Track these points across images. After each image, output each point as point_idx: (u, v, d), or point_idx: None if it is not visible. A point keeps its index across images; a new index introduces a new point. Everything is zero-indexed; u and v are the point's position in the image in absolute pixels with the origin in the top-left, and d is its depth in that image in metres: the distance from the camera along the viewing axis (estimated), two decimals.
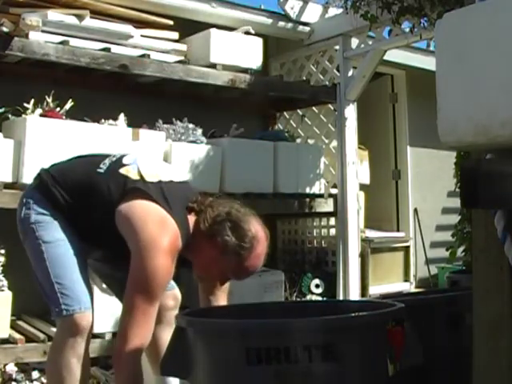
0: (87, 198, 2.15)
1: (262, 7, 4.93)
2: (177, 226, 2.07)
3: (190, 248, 2.13)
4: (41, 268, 2.15)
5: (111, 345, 3.53)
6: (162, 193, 2.12)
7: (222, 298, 2.38)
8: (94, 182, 2.16)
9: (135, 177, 2.14)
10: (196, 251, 2.14)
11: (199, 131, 4.11)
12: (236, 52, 4.29)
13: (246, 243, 2.08)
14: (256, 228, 2.15)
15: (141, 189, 2.11)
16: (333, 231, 5.01)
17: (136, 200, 2.09)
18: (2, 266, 3.40)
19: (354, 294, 4.56)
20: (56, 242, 2.14)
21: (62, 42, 3.58)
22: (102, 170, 2.19)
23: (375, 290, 4.97)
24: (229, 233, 2.07)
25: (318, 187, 4.68)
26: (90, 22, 3.73)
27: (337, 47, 4.79)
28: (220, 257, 2.09)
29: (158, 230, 2.03)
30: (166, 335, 2.34)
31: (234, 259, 2.08)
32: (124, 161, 2.22)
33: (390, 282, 5.43)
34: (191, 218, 2.15)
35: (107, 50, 3.74)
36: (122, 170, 2.17)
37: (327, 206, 4.73)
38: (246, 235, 2.09)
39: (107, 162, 2.21)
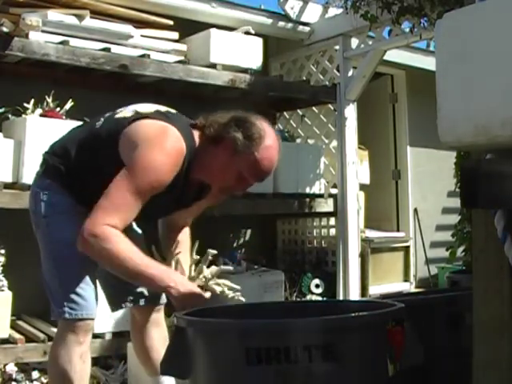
0: (92, 154, 2.10)
1: (262, 7, 4.93)
2: (180, 134, 2.04)
3: (200, 161, 2.09)
4: (49, 265, 2.12)
5: (111, 345, 3.54)
6: (161, 114, 2.12)
7: (184, 236, 2.38)
8: (94, 136, 2.13)
9: (132, 114, 2.12)
10: (207, 161, 2.10)
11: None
12: (236, 52, 4.29)
13: (255, 135, 2.05)
14: (262, 122, 2.12)
15: (141, 116, 2.08)
16: (333, 231, 5.01)
17: (138, 122, 2.06)
18: (1, 266, 3.40)
19: (354, 294, 4.56)
20: (66, 244, 2.06)
21: (61, 42, 3.58)
22: (99, 124, 2.17)
23: (375, 290, 4.97)
24: (236, 129, 2.05)
25: (318, 187, 4.68)
26: (89, 21, 3.73)
27: (337, 47, 4.79)
28: (233, 158, 2.05)
29: (160, 133, 2.01)
30: (153, 334, 2.37)
31: (247, 155, 2.04)
32: (118, 111, 2.20)
33: (390, 282, 5.43)
34: (196, 133, 2.12)
35: (107, 49, 3.74)
36: (118, 115, 2.15)
37: (327, 206, 4.73)
38: (253, 127, 2.07)
39: (102, 118, 2.19)
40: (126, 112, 2.16)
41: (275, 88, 4.59)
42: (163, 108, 2.20)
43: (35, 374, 3.36)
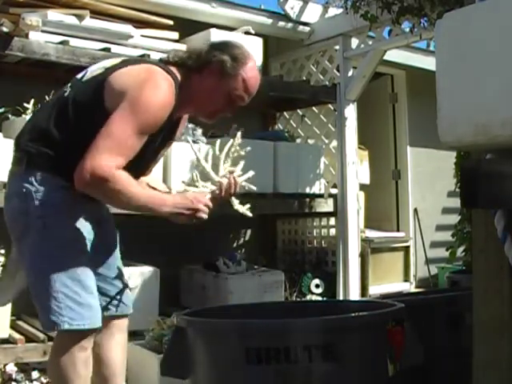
0: (75, 119, 2.01)
1: (262, 7, 4.93)
2: (165, 72, 2.03)
3: (188, 95, 2.10)
4: (42, 270, 1.96)
5: None
6: (134, 59, 2.11)
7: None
8: (69, 103, 2.02)
9: (102, 70, 2.06)
10: (196, 93, 2.12)
11: (199, 131, 4.11)
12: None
13: (240, 55, 2.13)
14: (241, 46, 2.20)
15: (116, 66, 2.04)
16: (333, 231, 5.01)
17: (117, 71, 2.01)
18: (1, 266, 3.40)
19: (354, 294, 4.56)
20: (69, 246, 1.98)
21: (61, 42, 3.57)
22: (67, 92, 2.08)
23: (375, 290, 4.97)
24: (221, 53, 2.11)
25: (318, 187, 4.68)
26: (89, 21, 3.72)
27: (337, 47, 4.79)
28: (221, 81, 2.10)
29: (148, 73, 1.99)
30: (114, 344, 2.26)
31: (235, 76, 2.10)
32: (78, 76, 2.13)
33: (390, 282, 5.43)
34: (173, 69, 2.10)
35: (107, 49, 3.74)
36: (86, 78, 2.08)
37: (327, 206, 4.73)
38: (236, 49, 2.15)
39: (65, 88, 2.11)
40: (92, 72, 2.09)
41: (275, 88, 4.58)
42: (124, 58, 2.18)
43: (35, 374, 3.36)
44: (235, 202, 2.28)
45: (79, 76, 2.13)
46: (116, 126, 1.91)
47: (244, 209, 2.30)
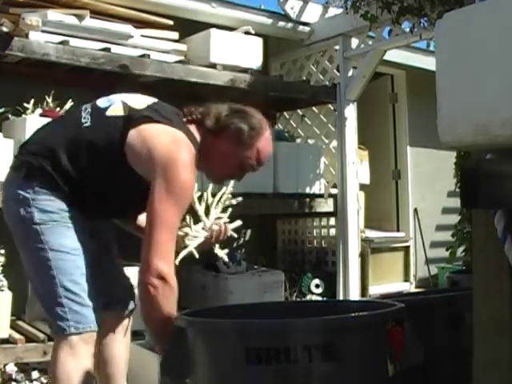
0: (88, 159, 2.00)
1: (262, 7, 4.93)
2: (186, 137, 2.04)
3: (203, 155, 2.10)
4: (44, 277, 1.98)
5: None
6: (158, 113, 2.07)
7: None
8: (87, 137, 2.01)
9: (126, 111, 2.05)
10: (210, 154, 2.12)
11: None
12: (236, 52, 4.29)
13: (257, 126, 2.14)
14: (258, 114, 2.20)
15: (139, 117, 2.03)
16: (333, 231, 5.01)
17: (140, 127, 2.01)
18: (1, 266, 3.40)
19: (354, 294, 4.56)
20: (66, 251, 1.98)
21: (62, 42, 3.57)
22: (87, 123, 2.05)
23: (375, 290, 4.97)
24: (240, 120, 2.11)
25: (318, 187, 4.68)
26: (90, 21, 3.73)
27: (337, 47, 4.79)
28: (236, 148, 2.12)
29: (175, 146, 1.98)
30: (116, 344, 2.30)
31: (250, 145, 2.12)
32: (101, 105, 2.11)
33: (390, 282, 5.43)
34: (192, 127, 2.13)
35: (107, 49, 3.74)
36: (109, 112, 2.07)
37: (327, 206, 4.73)
38: (254, 119, 2.15)
39: (85, 114, 2.08)
40: (117, 108, 2.07)
41: (275, 88, 4.58)
42: (150, 100, 2.16)
43: (35, 374, 3.36)
44: (216, 246, 2.48)
45: (101, 104, 2.11)
46: (166, 214, 1.92)
47: (223, 253, 2.53)
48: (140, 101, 2.13)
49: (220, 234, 2.36)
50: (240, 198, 2.55)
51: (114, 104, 2.09)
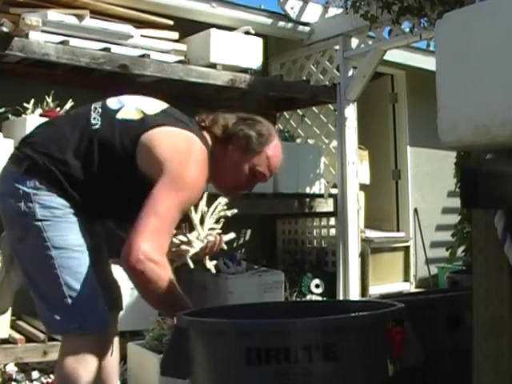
0: (97, 161, 1.94)
1: (262, 7, 4.94)
2: (200, 141, 2.01)
3: (213, 164, 2.05)
4: (47, 276, 1.90)
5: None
6: (172, 118, 2.03)
7: None
8: (97, 140, 1.94)
9: (139, 115, 2.01)
10: (219, 163, 2.08)
11: None
12: (236, 52, 4.29)
13: (266, 133, 2.12)
14: (266, 121, 2.20)
15: (154, 122, 1.98)
16: (333, 231, 5.01)
17: (155, 130, 1.96)
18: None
19: (354, 294, 4.56)
20: (70, 248, 1.91)
21: (62, 42, 3.58)
22: (97, 125, 1.98)
23: (375, 290, 4.97)
24: (248, 128, 2.09)
25: (318, 187, 4.68)
26: (89, 21, 3.73)
27: (337, 47, 4.79)
28: (245, 155, 2.09)
29: (188, 145, 1.96)
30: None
31: (259, 153, 2.10)
32: (111, 106, 2.05)
33: (389, 282, 5.44)
34: (206, 134, 2.10)
35: (107, 49, 3.74)
36: (120, 115, 2.01)
37: (327, 206, 4.73)
38: (263, 126, 2.14)
39: (95, 115, 2.01)
40: (129, 111, 2.02)
41: (275, 88, 4.59)
42: (162, 105, 2.12)
43: (35, 374, 3.36)
44: (206, 258, 2.47)
45: (112, 106, 2.05)
46: (162, 204, 1.85)
47: (211, 264, 2.54)
48: (152, 105, 2.09)
49: (214, 246, 2.33)
50: (235, 210, 2.56)
51: (126, 107, 2.04)
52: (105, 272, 2.18)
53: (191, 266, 2.39)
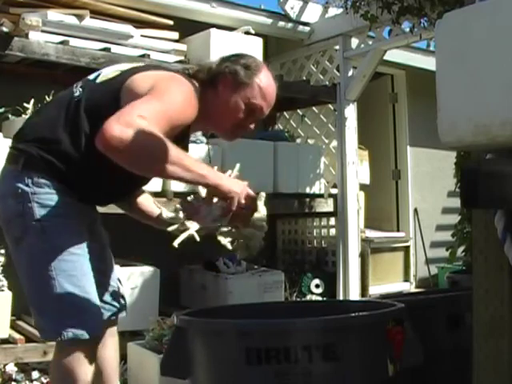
0: (88, 129, 1.86)
1: (262, 7, 4.93)
2: (188, 82, 1.96)
3: (204, 111, 1.98)
4: (42, 278, 1.85)
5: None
6: (153, 65, 2.02)
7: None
8: (82, 107, 1.90)
9: (118, 73, 1.96)
10: (213, 106, 2.01)
11: (199, 131, 4.11)
12: (236, 52, 4.28)
13: (252, 64, 2.07)
14: (251, 55, 2.15)
15: (134, 70, 1.94)
16: (333, 231, 5.01)
17: (135, 75, 1.91)
18: (1, 266, 3.40)
19: (354, 294, 4.56)
20: (68, 250, 1.87)
21: (62, 42, 3.58)
22: (79, 95, 1.93)
23: (375, 290, 4.97)
24: (232, 64, 2.04)
25: (318, 187, 4.68)
26: (89, 21, 3.73)
27: (337, 47, 4.79)
28: (236, 92, 2.01)
29: (170, 75, 1.92)
30: (107, 348, 2.14)
31: (250, 85, 2.03)
32: (90, 77, 2.03)
33: (389, 282, 5.43)
34: (193, 82, 2.03)
35: (107, 49, 3.74)
36: (99, 79, 1.98)
37: (327, 206, 4.73)
38: (247, 58, 2.09)
39: (76, 89, 1.97)
40: (107, 75, 1.99)
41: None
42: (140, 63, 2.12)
43: (35, 374, 3.36)
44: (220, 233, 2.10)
45: (91, 77, 2.04)
46: (142, 104, 1.74)
47: (226, 241, 2.10)
48: (130, 64, 2.07)
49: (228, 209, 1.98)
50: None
51: (104, 72, 2.03)
52: (104, 273, 2.16)
53: (197, 238, 1.94)
